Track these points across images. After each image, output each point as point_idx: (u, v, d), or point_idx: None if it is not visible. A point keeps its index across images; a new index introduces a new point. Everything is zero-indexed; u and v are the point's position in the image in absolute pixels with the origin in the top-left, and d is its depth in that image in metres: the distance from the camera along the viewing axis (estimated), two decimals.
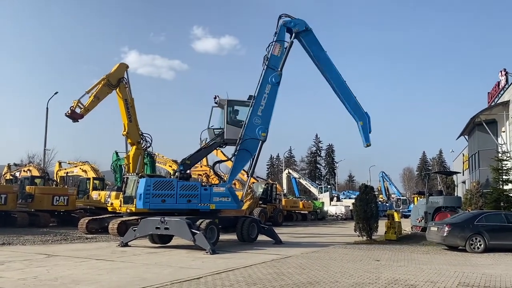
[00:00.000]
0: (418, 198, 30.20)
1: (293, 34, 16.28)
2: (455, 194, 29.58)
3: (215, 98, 16.17)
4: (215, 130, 16.36)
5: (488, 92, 33.21)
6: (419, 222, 21.75)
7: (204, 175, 30.73)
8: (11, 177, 30.62)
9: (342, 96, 16.84)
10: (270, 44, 16.02)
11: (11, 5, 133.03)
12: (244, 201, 18.81)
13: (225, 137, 15.92)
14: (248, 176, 17.36)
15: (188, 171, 16.06)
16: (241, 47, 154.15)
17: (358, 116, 16.81)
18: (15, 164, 33.54)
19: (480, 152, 29.94)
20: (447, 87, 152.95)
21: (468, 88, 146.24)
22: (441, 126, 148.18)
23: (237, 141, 15.62)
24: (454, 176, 35.11)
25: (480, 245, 14.03)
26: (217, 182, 19.88)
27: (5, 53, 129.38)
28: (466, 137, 34.58)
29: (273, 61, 15.90)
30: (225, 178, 17.47)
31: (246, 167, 17.25)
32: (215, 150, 21.32)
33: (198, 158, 16.02)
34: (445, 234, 14.40)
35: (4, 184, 27.48)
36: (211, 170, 16.15)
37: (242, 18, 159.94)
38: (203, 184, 17.88)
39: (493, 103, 30.63)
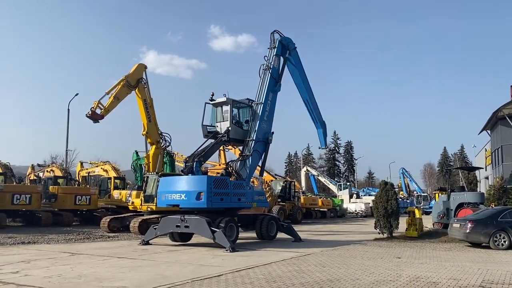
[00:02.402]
0: (440, 194, 29.66)
1: (288, 51, 17.84)
2: (478, 190, 28.99)
3: (212, 95, 16.62)
4: (208, 128, 16.55)
5: (511, 85, 32.40)
6: (440, 218, 21.41)
7: (220, 174, 30.87)
8: (35, 178, 31.31)
9: (311, 106, 19.17)
10: (270, 56, 17.17)
11: (30, 6, 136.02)
12: None
13: (230, 136, 16.09)
14: (260, 174, 18.39)
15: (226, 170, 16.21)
16: (258, 44, 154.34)
17: (320, 124, 19.60)
18: (39, 165, 34.30)
19: (503, 147, 29.31)
20: (469, 80, 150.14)
21: (491, 81, 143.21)
22: (462, 121, 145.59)
23: (248, 142, 16.11)
24: (477, 172, 34.42)
25: (505, 241, 13.72)
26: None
27: (27, 54, 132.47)
28: (489, 131, 33.87)
29: (275, 72, 17.02)
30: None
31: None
32: (232, 148, 21.39)
33: (208, 155, 16.14)
34: (468, 230, 14.15)
35: (29, 184, 28.09)
36: (230, 168, 16.17)
37: (259, 16, 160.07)
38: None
39: None
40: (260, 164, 17.17)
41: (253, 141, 16.04)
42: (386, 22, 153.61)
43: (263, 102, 16.43)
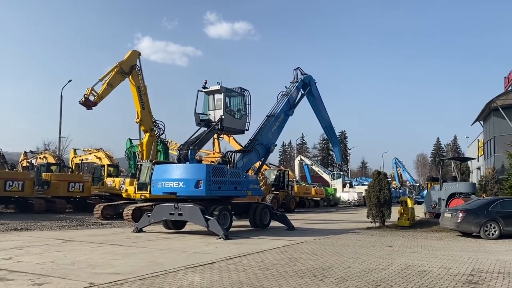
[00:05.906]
0: (432, 184, 29.91)
1: (308, 88, 19.67)
2: (470, 181, 29.21)
3: (205, 82, 16.63)
4: (200, 115, 16.56)
5: (505, 77, 32.54)
6: (432, 208, 21.59)
7: (216, 162, 30.87)
8: (27, 164, 31.09)
9: (329, 131, 21.80)
10: (291, 87, 18.89)
11: None
12: None
13: (223, 125, 16.11)
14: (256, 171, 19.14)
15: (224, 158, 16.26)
16: (255, 32, 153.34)
17: (336, 143, 24.57)
18: (31, 152, 34.04)
19: (495, 138, 29.55)
20: (463, 71, 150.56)
21: (484, 72, 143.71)
22: (456, 112, 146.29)
23: (253, 141, 16.80)
24: (469, 162, 34.65)
25: (495, 231, 13.89)
26: None
27: (20, 41, 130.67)
28: (482, 122, 34.11)
29: (292, 100, 18.76)
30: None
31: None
32: (227, 137, 21.41)
33: (202, 143, 16.14)
34: (459, 220, 14.28)
35: (21, 171, 27.92)
36: (226, 158, 16.21)
37: (256, 3, 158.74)
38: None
39: (510, 88, 30.04)
40: (258, 164, 18.23)
41: (257, 141, 16.66)
42: (382, 12, 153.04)
43: (274, 116, 17.57)
